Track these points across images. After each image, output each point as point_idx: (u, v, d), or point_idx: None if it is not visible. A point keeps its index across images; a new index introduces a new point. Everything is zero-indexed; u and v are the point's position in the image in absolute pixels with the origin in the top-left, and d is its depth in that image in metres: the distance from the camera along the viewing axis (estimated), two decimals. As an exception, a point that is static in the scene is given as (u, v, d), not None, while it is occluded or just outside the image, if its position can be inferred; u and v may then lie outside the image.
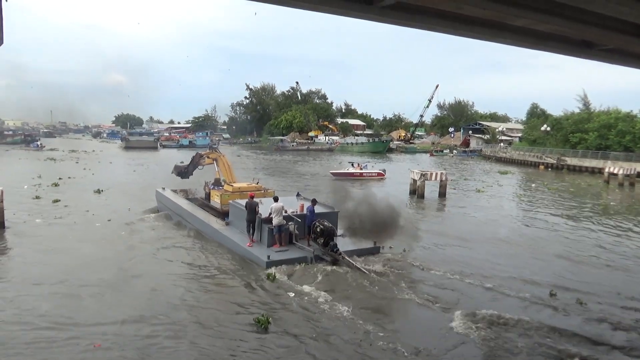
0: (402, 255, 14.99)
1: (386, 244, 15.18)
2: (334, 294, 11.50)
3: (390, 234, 14.64)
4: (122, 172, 40.82)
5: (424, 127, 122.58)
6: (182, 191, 22.30)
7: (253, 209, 14.77)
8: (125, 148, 78.44)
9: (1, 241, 16.34)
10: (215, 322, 9.98)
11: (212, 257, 14.73)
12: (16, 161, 49.00)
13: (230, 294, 11.79)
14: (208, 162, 21.54)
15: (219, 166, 20.85)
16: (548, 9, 8.17)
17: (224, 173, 20.46)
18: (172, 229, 18.53)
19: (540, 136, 68.20)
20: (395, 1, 8.14)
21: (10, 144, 78.16)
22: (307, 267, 13.29)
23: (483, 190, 34.44)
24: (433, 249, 16.54)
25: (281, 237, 14.43)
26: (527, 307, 11.26)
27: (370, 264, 13.64)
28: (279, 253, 13.85)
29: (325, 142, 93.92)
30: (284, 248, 14.25)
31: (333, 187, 28.13)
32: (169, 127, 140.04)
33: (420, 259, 14.78)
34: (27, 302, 10.76)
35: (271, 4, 8.38)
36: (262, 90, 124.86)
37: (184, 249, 15.58)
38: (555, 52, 12.18)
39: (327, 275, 12.74)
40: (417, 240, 16.53)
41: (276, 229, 14.34)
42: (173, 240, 16.76)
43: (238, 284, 12.46)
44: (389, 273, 13.14)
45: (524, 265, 15.03)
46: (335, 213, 15.53)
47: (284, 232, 14.48)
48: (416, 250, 15.88)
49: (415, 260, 14.66)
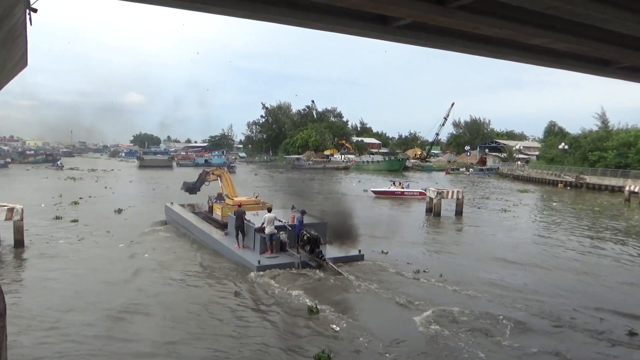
0: (382, 261, 16.23)
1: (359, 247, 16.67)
2: (313, 293, 12.62)
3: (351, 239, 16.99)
4: (142, 191, 41.13)
5: (440, 146, 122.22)
6: (189, 205, 23.68)
7: (240, 216, 16.39)
8: (140, 167, 79.43)
9: (23, 261, 16.53)
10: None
11: (219, 272, 14.98)
12: (37, 180, 49.90)
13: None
14: (213, 179, 23.36)
15: (222, 182, 22.47)
16: (565, 28, 8.17)
17: (227, 188, 21.89)
18: (177, 240, 19.58)
19: (558, 154, 67.45)
20: (411, 21, 8.23)
21: (32, 163, 79.98)
22: (294, 272, 14.49)
23: (509, 209, 33.16)
24: (454, 267, 16.34)
25: (272, 244, 15.74)
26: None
27: (355, 269, 14.96)
28: (269, 259, 15.10)
29: (341, 160, 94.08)
30: (274, 255, 15.50)
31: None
32: (185, 146, 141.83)
33: (403, 266, 15.97)
34: (71, 328, 10.54)
35: (290, 25, 8.54)
36: (278, 109, 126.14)
37: (199, 266, 15.94)
38: (572, 70, 12.15)
39: (310, 279, 14.04)
40: (403, 246, 19.06)
41: (268, 237, 15.68)
42: (182, 253, 17.48)
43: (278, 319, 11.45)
44: (369, 277, 14.30)
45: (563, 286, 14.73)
46: (324, 224, 17.10)
47: (275, 240, 15.79)
48: (438, 269, 15.77)
49: (404, 268, 15.70)
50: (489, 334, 10.45)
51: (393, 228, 23.99)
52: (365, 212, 29.18)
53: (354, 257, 15.95)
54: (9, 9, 3.88)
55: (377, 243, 19.20)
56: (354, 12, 8.15)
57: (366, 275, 14.43)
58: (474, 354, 9.45)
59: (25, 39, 5.66)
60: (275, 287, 13.19)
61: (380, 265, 15.68)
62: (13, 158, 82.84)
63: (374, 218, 27.20)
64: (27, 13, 4.99)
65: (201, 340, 9.89)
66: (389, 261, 16.38)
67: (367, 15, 8.34)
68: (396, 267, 15.70)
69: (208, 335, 10.19)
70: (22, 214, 18.03)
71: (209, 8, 7.33)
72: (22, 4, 4.66)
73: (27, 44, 5.90)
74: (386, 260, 16.45)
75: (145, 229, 21.42)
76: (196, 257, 16.83)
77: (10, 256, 16.83)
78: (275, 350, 9.51)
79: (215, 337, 10.07)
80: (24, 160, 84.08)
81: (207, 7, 7.26)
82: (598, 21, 7.79)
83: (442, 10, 7.30)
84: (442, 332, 10.33)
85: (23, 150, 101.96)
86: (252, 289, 13.26)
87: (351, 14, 8.19)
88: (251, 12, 7.55)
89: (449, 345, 9.78)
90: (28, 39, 5.80)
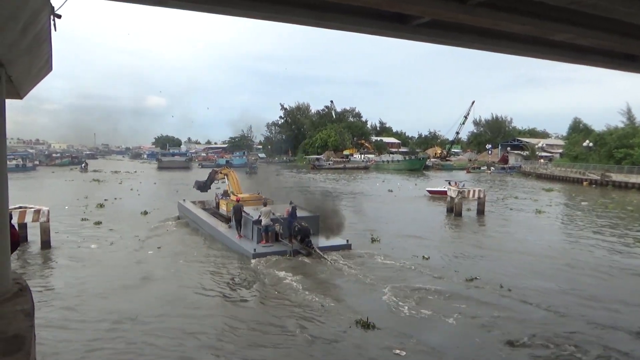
0: (369, 250, 17.83)
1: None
2: (300, 276, 14.41)
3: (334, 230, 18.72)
4: (167, 192, 40.74)
5: (460, 144, 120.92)
6: (199, 202, 25.93)
7: (239, 210, 18.79)
8: (159, 168, 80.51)
9: (50, 262, 16.92)
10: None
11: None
12: (63, 182, 51.04)
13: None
14: (220, 177, 25.51)
15: (228, 180, 24.27)
16: (589, 23, 7.99)
17: (233, 186, 23.71)
18: (188, 233, 21.72)
19: (582, 152, 66.04)
20: (430, 19, 8.15)
21: (59, 166, 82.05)
22: (286, 258, 16.34)
23: (543, 211, 31.35)
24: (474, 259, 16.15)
25: (268, 235, 17.50)
26: None
27: (342, 256, 16.69)
28: (264, 247, 16.99)
29: (360, 160, 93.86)
30: (269, 244, 17.34)
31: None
32: (206, 148, 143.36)
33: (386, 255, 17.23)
34: (92, 326, 10.80)
35: (306, 25, 8.54)
36: (297, 109, 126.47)
37: (204, 254, 17.92)
38: (597, 66, 11.88)
39: (298, 263, 15.98)
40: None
41: (264, 229, 17.48)
42: (191, 244, 19.66)
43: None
44: (349, 262, 16.08)
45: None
46: (316, 217, 18.89)
47: (271, 231, 17.53)
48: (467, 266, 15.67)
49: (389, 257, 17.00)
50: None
51: (406, 226, 24.21)
52: (391, 212, 29.11)
53: (342, 246, 17.86)
54: (34, 16, 3.97)
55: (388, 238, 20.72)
56: (372, 11, 8.10)
57: (348, 261, 16.26)
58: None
59: (50, 44, 5.76)
60: (267, 270, 15.16)
61: (364, 253, 17.31)
62: (40, 161, 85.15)
63: (396, 217, 27.13)
64: (51, 19, 5.09)
65: (203, 307, 12.03)
66: (382, 253, 17.63)
67: (385, 14, 8.28)
68: (380, 255, 17.13)
69: (211, 305, 12.56)
70: (48, 216, 18.47)
71: (225, 10, 7.36)
72: (46, 10, 4.75)
73: (52, 49, 6.01)
74: (379, 252, 17.66)
75: (159, 224, 23.48)
76: (203, 247, 18.98)
77: (37, 257, 17.25)
78: (263, 311, 12.10)
79: (214, 309, 12.23)
80: (51, 162, 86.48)
81: (223, 9, 7.28)
82: (623, 15, 7.59)
83: (462, 8, 7.21)
84: (393, 299, 12.50)
85: (49, 153, 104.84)
86: (247, 272, 15.21)
87: (369, 13, 8.14)
88: (267, 13, 7.55)
89: (398, 305, 12.20)
90: (52, 44, 5.91)
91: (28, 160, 75.96)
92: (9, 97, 4.47)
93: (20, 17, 3.45)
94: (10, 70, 3.90)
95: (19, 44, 3.78)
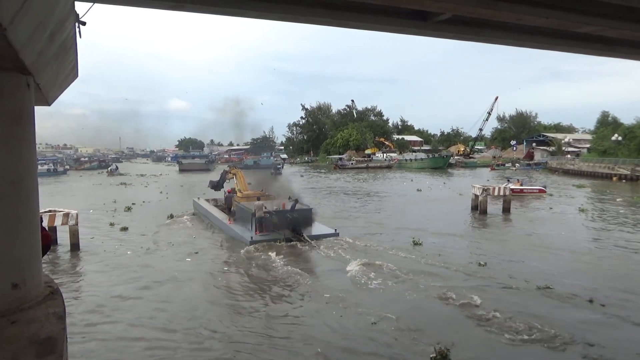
0: (354, 238, 20.12)
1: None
2: (287, 259, 17.12)
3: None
4: (195, 195, 40.96)
5: (484, 141, 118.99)
6: (212, 200, 29.40)
7: (229, 199, 25.27)
8: (180, 171, 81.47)
9: (79, 265, 17.34)
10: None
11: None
12: (91, 186, 52.06)
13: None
14: (230, 177, 27.98)
15: (236, 179, 26.79)
16: (617, 14, 7.76)
17: (240, 184, 26.22)
18: (199, 225, 24.89)
19: (611, 146, 64.28)
20: (452, 15, 8.03)
21: (88, 170, 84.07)
22: (278, 244, 19.04)
23: (585, 209, 30.17)
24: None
25: (262, 225, 19.98)
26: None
27: (330, 243, 19.23)
28: (260, 236, 19.67)
29: (383, 159, 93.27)
30: (265, 233, 19.84)
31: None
32: (228, 149, 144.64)
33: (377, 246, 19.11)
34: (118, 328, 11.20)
35: (327, 25, 8.52)
36: (318, 109, 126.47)
37: (212, 241, 21.16)
38: (625, 58, 11.55)
39: (288, 248, 18.78)
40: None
41: (258, 220, 19.92)
42: (202, 233, 22.74)
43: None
44: (332, 247, 18.63)
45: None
46: (309, 210, 21.72)
47: (265, 222, 20.00)
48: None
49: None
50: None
51: (447, 226, 24.09)
52: (425, 212, 28.98)
53: (330, 234, 20.50)
54: (61, 24, 4.06)
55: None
56: (392, 9, 8.03)
57: (331, 245, 18.91)
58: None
59: (76, 51, 5.89)
60: (258, 254, 17.91)
61: (347, 241, 19.69)
62: (70, 165, 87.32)
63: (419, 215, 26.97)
64: (76, 26, 5.19)
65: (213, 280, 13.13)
66: (364, 240, 20.03)
67: (406, 12, 8.20)
68: (360, 242, 19.53)
69: (219, 280, 15.06)
70: (77, 219, 18.91)
71: (241, 12, 7.37)
72: (72, 18, 4.85)
73: (77, 55, 6.14)
74: (364, 240, 20.03)
75: (176, 219, 26.33)
76: (212, 235, 22.17)
77: (67, 260, 17.68)
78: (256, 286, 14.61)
79: (219, 283, 14.81)
80: (80, 167, 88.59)
81: (240, 11, 7.29)
82: (653, 5, 7.36)
83: (484, 3, 7.08)
84: (358, 275, 14.85)
85: (77, 157, 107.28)
86: (244, 257, 17.78)
87: (389, 11, 8.07)
88: (285, 14, 7.56)
89: (357, 278, 14.61)
90: (78, 51, 6.03)
91: (59, 164, 77.94)
92: (37, 104, 4.59)
93: (47, 25, 3.53)
94: (39, 78, 4.00)
95: (46, 52, 3.87)
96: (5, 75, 3.41)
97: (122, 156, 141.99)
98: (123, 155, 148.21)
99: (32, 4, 2.74)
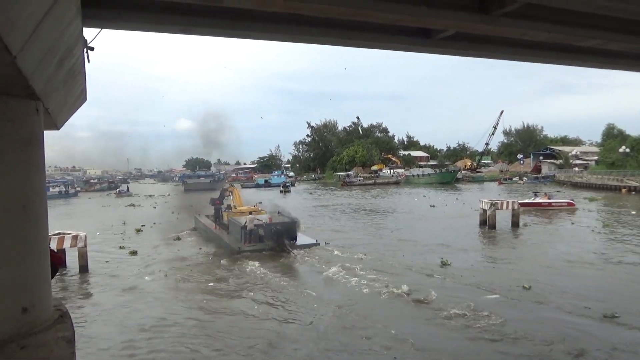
0: (329, 248, 22.54)
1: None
2: (270, 266, 19.46)
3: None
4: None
5: (490, 155, 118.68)
6: (211, 216, 30.64)
7: (218, 210, 28.63)
8: (185, 191, 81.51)
9: (87, 288, 17.33)
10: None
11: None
12: (100, 208, 52.17)
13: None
14: (227, 194, 30.87)
15: (233, 196, 29.99)
16: (619, 28, 7.78)
17: (236, 200, 29.30)
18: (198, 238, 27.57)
19: (619, 158, 63.87)
20: (454, 32, 8.09)
21: (98, 191, 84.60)
22: (263, 254, 21.40)
23: (609, 224, 29.73)
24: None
25: (251, 237, 22.36)
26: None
27: (309, 252, 21.54)
28: (248, 246, 22.10)
29: (390, 175, 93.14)
30: (253, 244, 22.24)
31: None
32: (235, 168, 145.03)
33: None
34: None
35: (331, 44, 8.61)
36: (324, 127, 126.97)
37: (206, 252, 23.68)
38: (628, 70, 11.52)
39: (271, 257, 21.13)
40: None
41: (248, 232, 22.43)
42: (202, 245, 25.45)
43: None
44: (316, 257, 20.84)
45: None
46: (293, 222, 23.79)
47: (254, 234, 22.37)
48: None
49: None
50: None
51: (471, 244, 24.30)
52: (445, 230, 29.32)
53: (312, 244, 22.86)
54: (69, 50, 4.13)
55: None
56: (395, 28, 8.09)
57: (309, 255, 21.18)
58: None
59: (84, 76, 5.98)
60: (248, 262, 20.09)
61: (325, 250, 22.07)
62: (80, 187, 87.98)
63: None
64: (85, 52, 5.28)
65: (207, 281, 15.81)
66: (342, 250, 21.98)
67: (408, 29, 8.26)
68: (337, 251, 21.62)
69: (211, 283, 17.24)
70: (85, 241, 18.98)
71: (248, 34, 7.46)
72: (80, 43, 4.93)
73: (86, 80, 6.23)
74: (342, 249, 22.07)
75: (181, 234, 28.48)
76: (207, 247, 24.45)
77: (76, 282, 17.69)
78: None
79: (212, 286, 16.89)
80: (90, 188, 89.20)
81: (246, 33, 7.38)
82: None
83: (486, 19, 7.11)
84: (336, 276, 17.38)
85: (87, 179, 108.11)
86: (233, 264, 20.20)
87: (392, 29, 8.13)
88: (291, 35, 7.64)
89: (333, 278, 17.36)
90: (86, 76, 6.13)
91: (70, 187, 78.48)
92: (46, 128, 4.63)
93: (56, 52, 3.59)
94: (47, 103, 4.05)
95: (55, 77, 3.94)
96: (15, 101, 3.46)
97: (130, 177, 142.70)
98: (131, 176, 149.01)
99: (41, 32, 2.80)
